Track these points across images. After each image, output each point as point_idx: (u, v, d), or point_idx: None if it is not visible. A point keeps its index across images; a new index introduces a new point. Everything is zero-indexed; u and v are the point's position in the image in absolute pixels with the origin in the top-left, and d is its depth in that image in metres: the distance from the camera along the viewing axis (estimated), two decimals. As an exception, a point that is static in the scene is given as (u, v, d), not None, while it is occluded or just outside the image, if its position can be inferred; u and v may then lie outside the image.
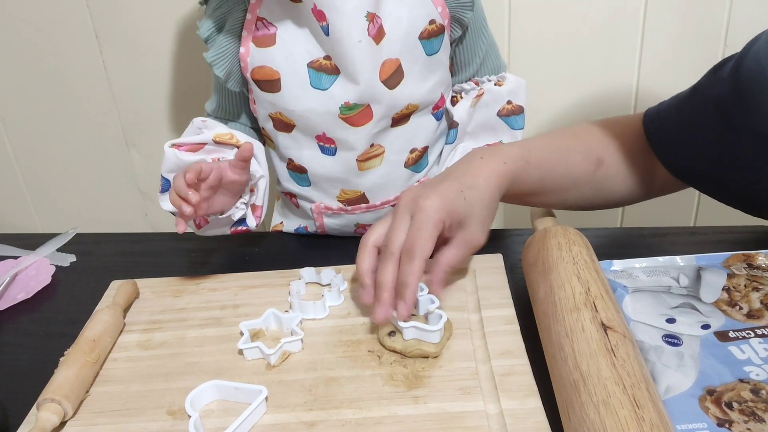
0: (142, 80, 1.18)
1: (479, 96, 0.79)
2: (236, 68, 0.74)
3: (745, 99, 0.58)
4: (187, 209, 0.63)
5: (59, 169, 1.30)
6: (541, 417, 0.48)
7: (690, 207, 1.21)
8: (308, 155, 0.77)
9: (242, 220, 0.75)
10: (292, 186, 0.81)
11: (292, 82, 0.72)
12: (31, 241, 0.82)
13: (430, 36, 0.73)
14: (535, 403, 0.50)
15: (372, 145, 0.76)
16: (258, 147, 0.74)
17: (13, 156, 1.30)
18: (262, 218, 0.75)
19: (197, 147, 0.72)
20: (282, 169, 0.81)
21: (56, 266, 0.78)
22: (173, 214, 0.68)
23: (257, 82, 0.74)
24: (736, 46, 0.61)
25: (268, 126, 0.78)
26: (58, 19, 1.14)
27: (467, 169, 0.61)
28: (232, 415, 0.51)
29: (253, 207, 0.74)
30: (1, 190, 1.34)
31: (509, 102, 0.79)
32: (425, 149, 0.79)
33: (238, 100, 0.79)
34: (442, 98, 0.78)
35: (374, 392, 0.53)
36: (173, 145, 0.71)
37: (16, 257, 0.80)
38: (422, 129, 0.78)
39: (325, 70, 0.71)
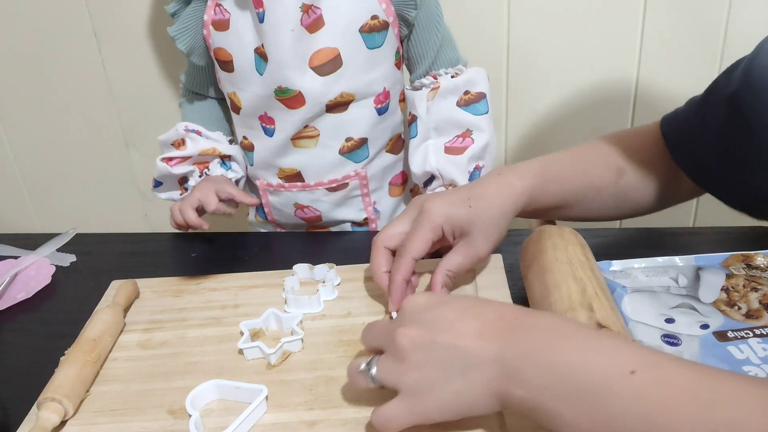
0: (142, 80, 1.18)
1: (435, 89, 0.80)
2: (200, 44, 0.81)
3: (759, 95, 0.58)
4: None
5: (58, 169, 1.30)
6: (541, 416, 0.48)
7: (689, 207, 1.22)
8: (253, 135, 0.83)
9: None
10: (246, 163, 0.88)
11: (242, 66, 0.78)
12: (30, 241, 0.82)
13: (371, 30, 0.77)
14: (535, 402, 0.49)
15: (306, 127, 0.80)
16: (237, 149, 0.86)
17: (13, 156, 1.30)
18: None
19: (185, 159, 0.82)
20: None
21: (56, 266, 0.78)
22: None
23: (219, 62, 0.81)
24: (736, 46, 0.61)
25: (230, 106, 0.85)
26: (56, 18, 1.15)
27: (481, 182, 0.63)
28: (233, 414, 0.51)
29: None
30: (1, 190, 1.34)
31: (467, 92, 0.81)
32: (363, 140, 0.82)
33: (206, 74, 0.86)
34: (386, 93, 0.81)
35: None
36: (163, 159, 0.82)
37: (15, 257, 0.80)
38: (360, 120, 0.81)
39: (263, 56, 0.77)
